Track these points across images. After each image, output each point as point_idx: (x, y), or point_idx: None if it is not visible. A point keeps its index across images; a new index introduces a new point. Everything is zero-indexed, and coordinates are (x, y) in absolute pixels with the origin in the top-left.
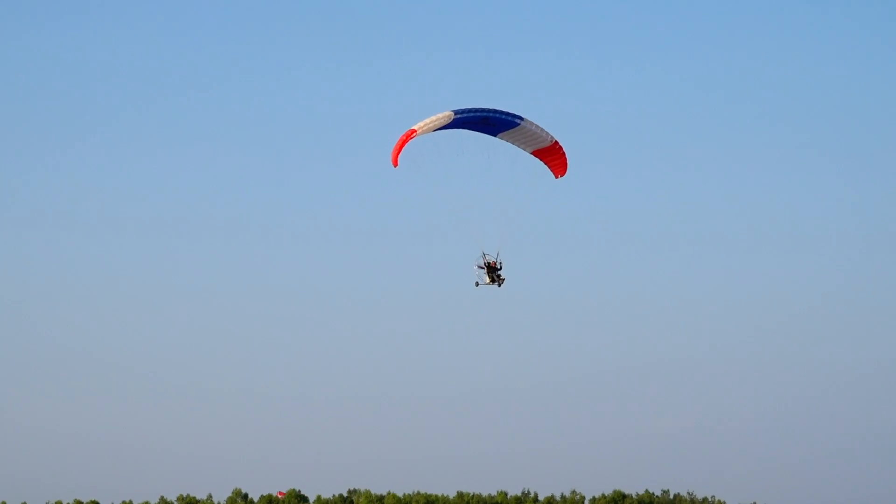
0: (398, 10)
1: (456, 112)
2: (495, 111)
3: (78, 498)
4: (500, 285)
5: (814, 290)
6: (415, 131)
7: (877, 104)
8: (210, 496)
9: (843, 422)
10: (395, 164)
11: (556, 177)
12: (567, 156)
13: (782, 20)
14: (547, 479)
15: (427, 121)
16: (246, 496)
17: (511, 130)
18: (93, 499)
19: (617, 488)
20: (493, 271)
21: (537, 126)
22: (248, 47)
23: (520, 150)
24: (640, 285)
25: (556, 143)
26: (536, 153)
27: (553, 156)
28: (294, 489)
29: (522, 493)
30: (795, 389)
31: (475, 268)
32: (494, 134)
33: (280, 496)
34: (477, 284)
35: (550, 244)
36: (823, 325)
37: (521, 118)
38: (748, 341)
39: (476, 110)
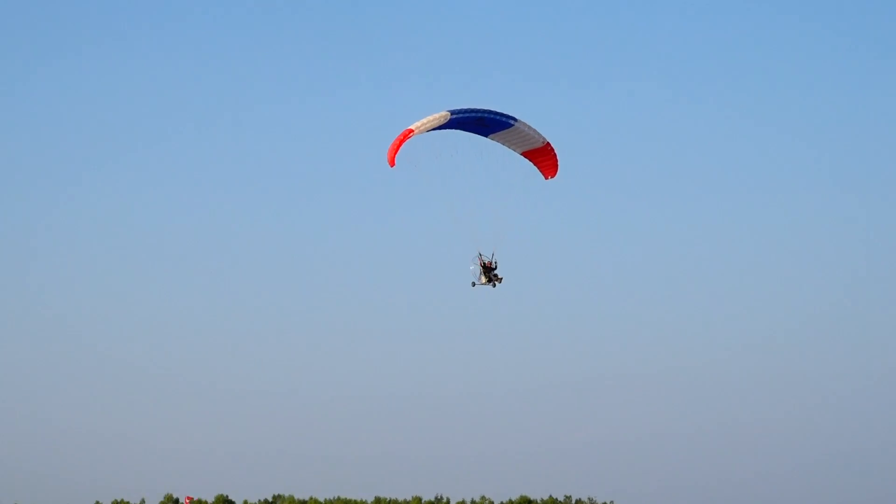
0: (393, 10)
1: (452, 112)
2: (490, 112)
3: None
4: (494, 286)
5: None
6: (412, 131)
7: (878, 106)
8: (143, 501)
9: (745, 430)
10: (392, 164)
11: (547, 178)
12: (558, 157)
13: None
14: (459, 485)
15: (424, 120)
16: (177, 501)
17: (504, 131)
18: None
19: (523, 494)
20: (488, 271)
21: (530, 127)
22: (245, 45)
23: (511, 151)
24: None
25: (548, 144)
26: (527, 154)
27: (544, 157)
28: (223, 495)
29: (436, 497)
30: (697, 402)
31: (471, 268)
32: (486, 135)
33: (187, 501)
34: (473, 284)
35: (541, 245)
36: (726, 335)
37: (514, 119)
38: (662, 357)
39: (471, 111)
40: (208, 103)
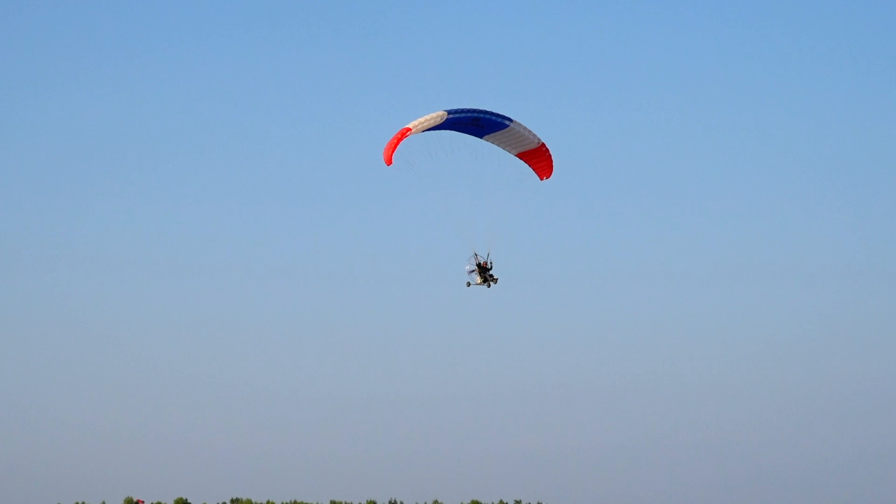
0: (387, 9)
1: (449, 112)
2: (485, 112)
3: None
4: (489, 286)
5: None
6: (409, 130)
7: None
8: (104, 503)
9: (690, 437)
10: (390, 163)
11: (542, 178)
12: (553, 158)
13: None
14: (413, 489)
15: (421, 120)
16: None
17: (499, 132)
18: None
19: (475, 498)
20: (484, 271)
21: (525, 128)
22: (240, 41)
23: (505, 152)
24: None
25: (543, 144)
26: (522, 155)
27: (539, 158)
28: (182, 498)
29: (390, 501)
30: (666, 410)
31: (466, 269)
32: (481, 136)
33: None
34: (468, 284)
35: (537, 245)
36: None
37: (510, 120)
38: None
39: (467, 111)
40: (205, 101)
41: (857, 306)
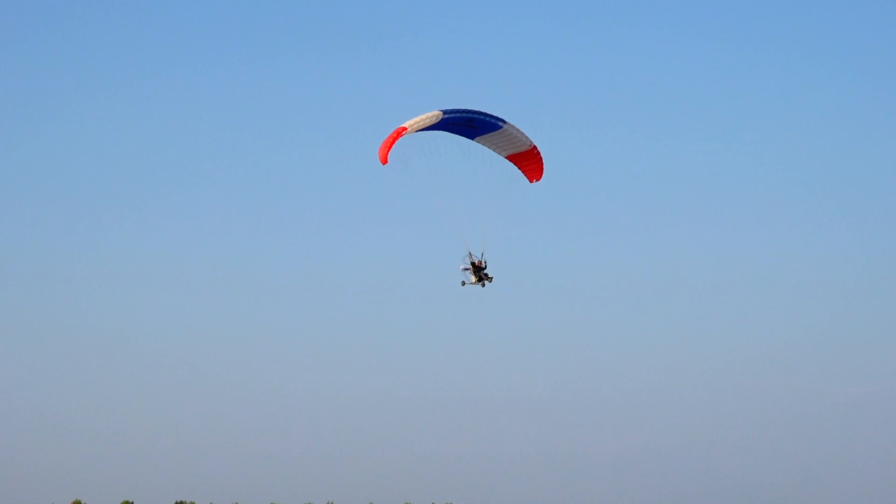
0: (381, 8)
1: (444, 112)
2: (480, 113)
3: None
4: (483, 285)
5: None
6: (405, 129)
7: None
8: None
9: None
10: (385, 161)
11: (531, 181)
12: (543, 160)
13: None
14: (351, 491)
15: (417, 119)
16: None
17: (491, 133)
18: None
19: (407, 500)
20: (478, 271)
21: (518, 130)
22: (237, 41)
23: (495, 154)
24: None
25: (534, 147)
26: (512, 157)
27: (529, 160)
28: (128, 501)
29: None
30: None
31: (461, 268)
32: (473, 137)
33: None
34: (463, 284)
35: (532, 244)
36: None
37: (503, 121)
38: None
39: (462, 111)
40: (200, 97)
41: (851, 312)
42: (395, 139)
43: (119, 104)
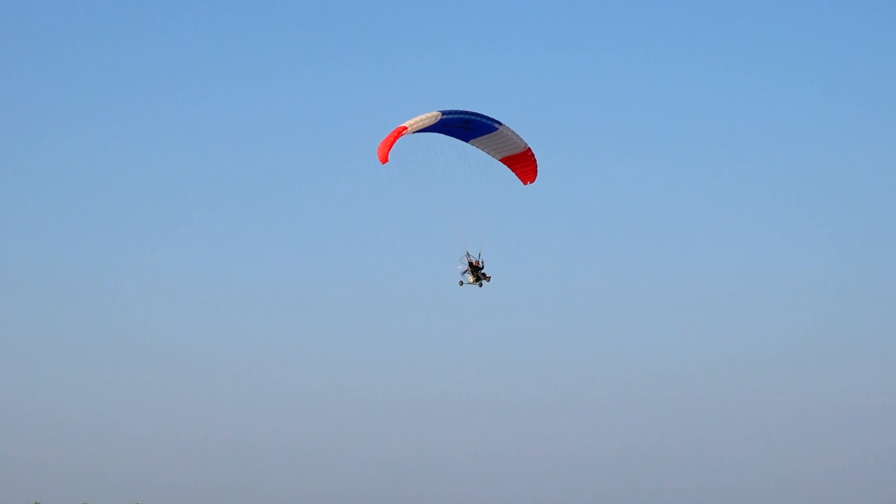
0: (380, 8)
1: (443, 113)
2: (476, 114)
3: None
4: (481, 285)
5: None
6: (405, 129)
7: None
8: None
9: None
10: (385, 161)
11: (525, 183)
12: (538, 163)
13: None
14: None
15: (416, 119)
16: None
17: (487, 135)
18: None
19: None
20: (476, 270)
21: (513, 132)
22: (236, 42)
23: (489, 156)
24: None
25: (529, 149)
26: (506, 160)
27: (523, 163)
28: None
29: None
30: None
31: (458, 269)
32: (468, 139)
33: None
34: (461, 283)
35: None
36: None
37: (499, 123)
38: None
39: (460, 112)
40: (200, 98)
41: (852, 312)
42: (395, 138)
43: (119, 104)
